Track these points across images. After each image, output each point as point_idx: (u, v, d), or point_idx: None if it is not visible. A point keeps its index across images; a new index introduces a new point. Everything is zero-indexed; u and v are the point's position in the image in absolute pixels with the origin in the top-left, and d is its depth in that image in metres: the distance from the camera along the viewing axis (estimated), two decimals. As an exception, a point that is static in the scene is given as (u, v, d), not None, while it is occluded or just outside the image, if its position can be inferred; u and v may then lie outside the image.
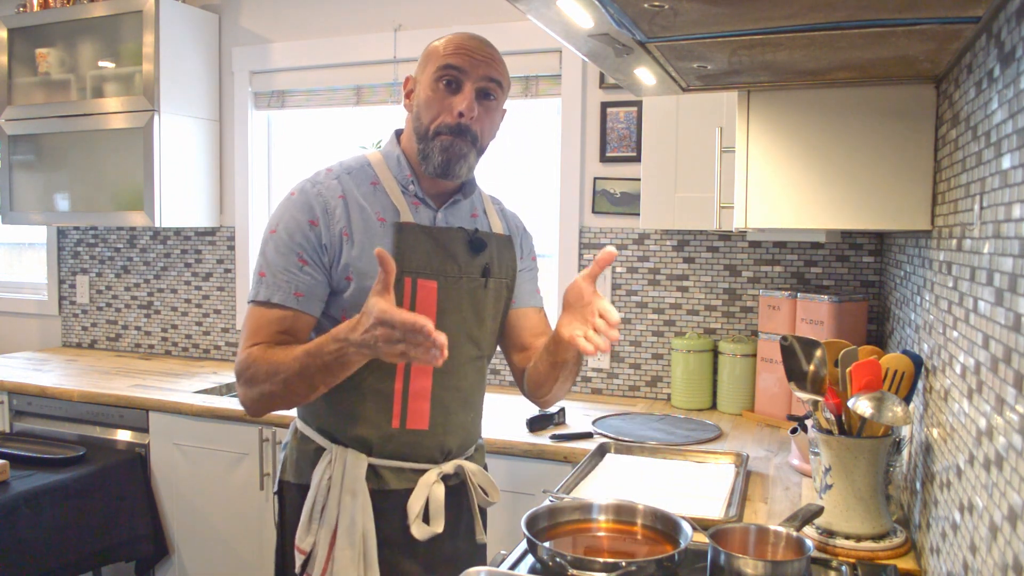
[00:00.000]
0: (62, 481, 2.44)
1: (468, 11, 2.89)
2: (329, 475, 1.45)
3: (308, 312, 1.42)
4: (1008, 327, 0.89)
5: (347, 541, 1.42)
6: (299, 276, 1.41)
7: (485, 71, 1.45)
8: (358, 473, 1.44)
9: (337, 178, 1.48)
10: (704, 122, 2.25)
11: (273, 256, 1.42)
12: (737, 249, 2.63)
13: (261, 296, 1.41)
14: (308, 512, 1.45)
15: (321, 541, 1.44)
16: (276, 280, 1.41)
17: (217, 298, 3.41)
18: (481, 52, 1.46)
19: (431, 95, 1.45)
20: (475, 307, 1.54)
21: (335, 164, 1.53)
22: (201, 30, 3.23)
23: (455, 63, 1.43)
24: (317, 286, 1.42)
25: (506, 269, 1.61)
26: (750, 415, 2.47)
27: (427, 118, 1.45)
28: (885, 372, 1.44)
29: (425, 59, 1.49)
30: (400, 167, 1.51)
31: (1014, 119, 0.90)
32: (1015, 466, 0.84)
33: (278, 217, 1.45)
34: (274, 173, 3.39)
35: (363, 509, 1.43)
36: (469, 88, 1.44)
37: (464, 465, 1.56)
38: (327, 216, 1.43)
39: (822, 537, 1.45)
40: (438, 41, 1.48)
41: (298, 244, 1.41)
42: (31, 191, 3.38)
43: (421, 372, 1.47)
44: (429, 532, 1.47)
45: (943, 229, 1.36)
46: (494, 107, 1.49)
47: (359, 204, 1.45)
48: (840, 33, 1.13)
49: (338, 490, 1.44)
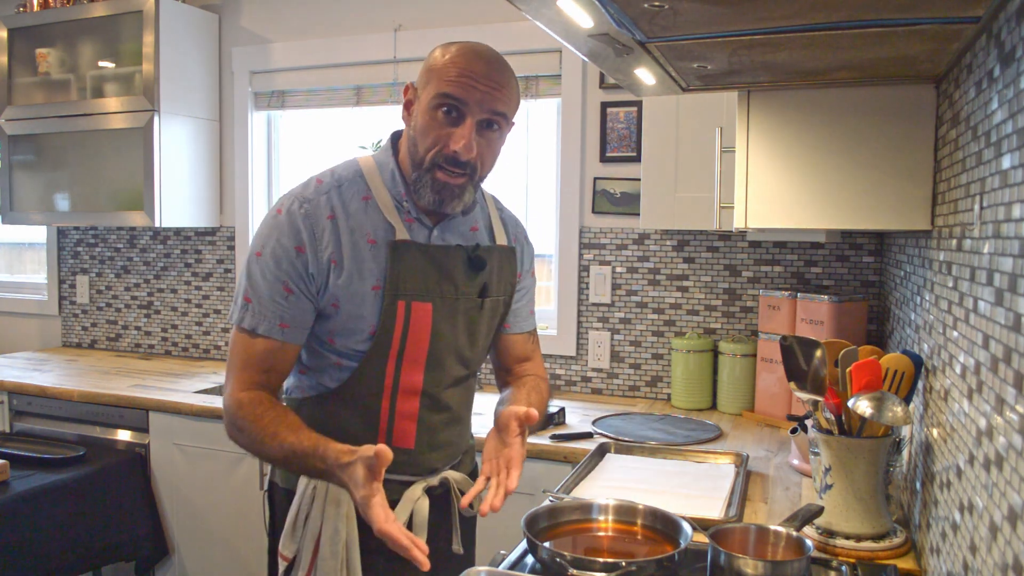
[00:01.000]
0: (62, 481, 2.44)
1: (468, 11, 2.89)
2: (314, 484, 1.42)
3: (294, 343, 1.40)
4: (1008, 327, 0.89)
5: (330, 550, 1.40)
6: (284, 306, 1.37)
7: (490, 104, 1.33)
8: None
9: (327, 194, 1.40)
10: (704, 122, 2.25)
11: (259, 282, 1.37)
12: (737, 249, 2.63)
13: (247, 324, 1.38)
14: (292, 520, 1.44)
15: (304, 549, 1.42)
16: (262, 308, 1.37)
17: (217, 298, 3.41)
18: (487, 80, 1.33)
19: (429, 122, 1.34)
20: (469, 328, 1.49)
21: (326, 174, 1.44)
22: (201, 30, 3.23)
23: (457, 94, 1.32)
24: (303, 314, 1.39)
25: (505, 285, 1.55)
26: (750, 415, 2.47)
27: (423, 146, 1.35)
28: (885, 372, 1.44)
29: (427, 73, 1.36)
30: (395, 182, 1.43)
31: (1014, 119, 0.90)
32: (1015, 466, 0.84)
33: (263, 239, 1.39)
34: (274, 173, 3.39)
35: (347, 519, 1.40)
36: (470, 123, 1.33)
37: (449, 476, 1.54)
38: (314, 242, 1.37)
39: (822, 537, 1.46)
40: (444, 54, 1.35)
41: (284, 272, 1.36)
42: (31, 191, 3.38)
43: (409, 394, 1.44)
44: None
45: (943, 229, 1.36)
46: (496, 137, 1.39)
47: (348, 226, 1.38)
48: (840, 33, 1.13)
49: (322, 500, 1.41)
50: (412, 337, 1.41)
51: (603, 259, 2.79)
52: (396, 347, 1.41)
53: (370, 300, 1.38)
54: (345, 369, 1.43)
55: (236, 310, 1.40)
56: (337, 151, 3.24)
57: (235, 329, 1.40)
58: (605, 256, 2.78)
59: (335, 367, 1.43)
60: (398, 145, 1.46)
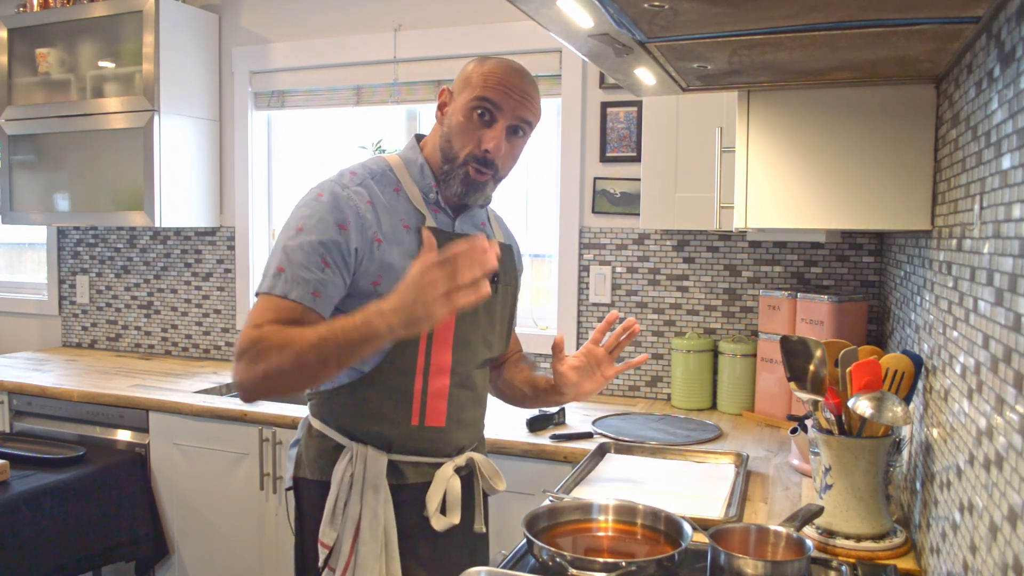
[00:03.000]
0: (62, 481, 2.44)
1: (468, 11, 2.89)
2: (351, 472, 1.49)
3: (321, 312, 1.41)
4: (1008, 327, 0.89)
5: (370, 535, 1.47)
6: (319, 276, 1.40)
7: (520, 112, 1.49)
8: (379, 469, 1.49)
9: (362, 183, 1.49)
10: (704, 122, 2.25)
11: (296, 254, 1.40)
12: (737, 249, 2.63)
13: (277, 290, 1.39)
14: (331, 508, 1.49)
15: (344, 535, 1.48)
16: (296, 277, 1.39)
17: (217, 298, 3.41)
18: (520, 90, 1.49)
19: (464, 122, 1.49)
20: (488, 312, 1.60)
21: (357, 167, 1.54)
22: (201, 30, 3.23)
23: (493, 98, 1.47)
24: (335, 288, 1.43)
25: (511, 276, 1.68)
26: (750, 415, 2.47)
27: (458, 145, 1.49)
28: (885, 372, 1.44)
29: (464, 81, 1.51)
30: (423, 176, 1.55)
31: (1014, 119, 0.90)
32: (1015, 466, 0.84)
33: (303, 217, 1.44)
34: (274, 173, 3.39)
35: (385, 503, 1.48)
36: (501, 126, 1.48)
37: (474, 456, 1.63)
38: (359, 220, 1.44)
39: (822, 537, 1.46)
40: (481, 65, 1.50)
41: (324, 247, 1.41)
42: (31, 191, 3.38)
43: (439, 372, 1.52)
44: (447, 523, 1.53)
45: (943, 229, 1.36)
46: (520, 143, 1.54)
47: (387, 210, 1.48)
48: (840, 33, 1.13)
49: (360, 486, 1.48)
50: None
51: (603, 259, 2.79)
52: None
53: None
54: (379, 352, 1.45)
55: (266, 280, 1.41)
56: (337, 151, 3.24)
57: (262, 296, 1.40)
58: (605, 256, 2.78)
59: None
60: (422, 144, 1.60)
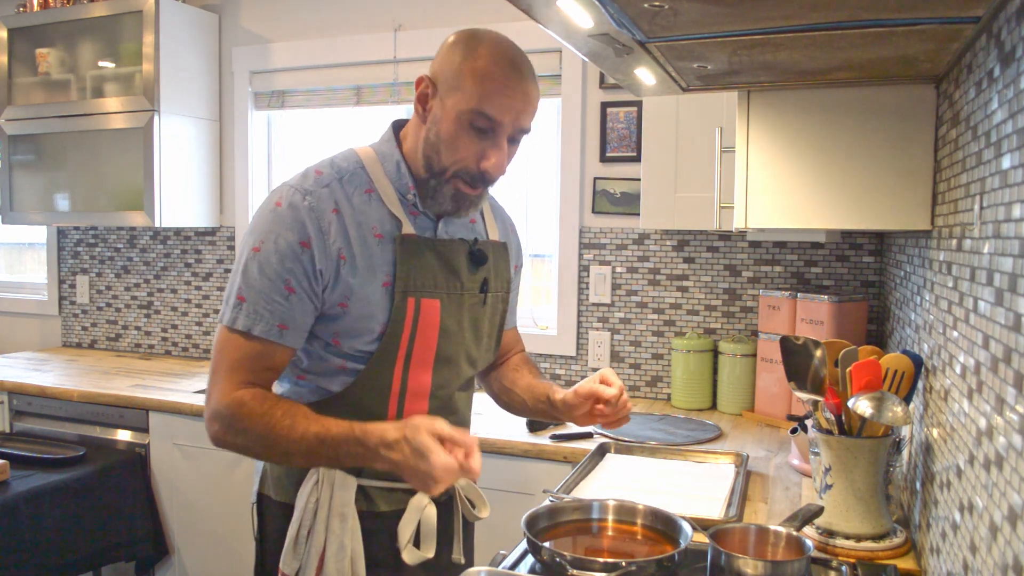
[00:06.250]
0: (62, 481, 2.44)
1: (468, 11, 2.89)
2: (316, 497, 1.34)
3: (291, 346, 1.31)
4: (1008, 327, 0.89)
5: (335, 567, 1.33)
6: (284, 307, 1.28)
7: (521, 122, 1.31)
8: (347, 496, 1.34)
9: (328, 186, 1.32)
10: (704, 122, 2.25)
11: (256, 279, 1.28)
12: (737, 249, 2.63)
13: (239, 325, 1.28)
14: (293, 536, 1.35)
15: (308, 565, 1.34)
16: (258, 308, 1.28)
17: (217, 298, 3.41)
18: (523, 94, 1.29)
19: (456, 132, 1.29)
20: (474, 325, 1.45)
21: (325, 165, 1.37)
22: (201, 30, 3.23)
23: (494, 116, 1.27)
24: (304, 316, 1.30)
25: (502, 281, 1.52)
26: (750, 415, 2.47)
27: (448, 158, 1.31)
28: (885, 372, 1.44)
29: (455, 78, 1.28)
30: (400, 175, 1.37)
31: (1014, 119, 0.90)
32: (1015, 466, 0.84)
33: (262, 233, 1.29)
34: (274, 173, 3.39)
35: (352, 533, 1.34)
36: (503, 141, 1.30)
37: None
38: (321, 236, 1.28)
39: (822, 537, 1.45)
40: (473, 59, 1.28)
41: (287, 270, 1.27)
42: (31, 191, 3.38)
43: (417, 396, 1.39)
44: (420, 557, 1.38)
45: (943, 229, 1.36)
46: (518, 146, 1.37)
47: (355, 219, 1.31)
48: (840, 33, 1.13)
49: (326, 513, 1.33)
50: (420, 336, 1.35)
51: (603, 259, 2.79)
52: (404, 347, 1.35)
53: (380, 297, 1.32)
54: (350, 372, 1.35)
55: (227, 310, 1.31)
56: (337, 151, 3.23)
57: (224, 330, 1.30)
58: (605, 256, 2.78)
59: (339, 371, 1.35)
60: (400, 136, 1.41)
